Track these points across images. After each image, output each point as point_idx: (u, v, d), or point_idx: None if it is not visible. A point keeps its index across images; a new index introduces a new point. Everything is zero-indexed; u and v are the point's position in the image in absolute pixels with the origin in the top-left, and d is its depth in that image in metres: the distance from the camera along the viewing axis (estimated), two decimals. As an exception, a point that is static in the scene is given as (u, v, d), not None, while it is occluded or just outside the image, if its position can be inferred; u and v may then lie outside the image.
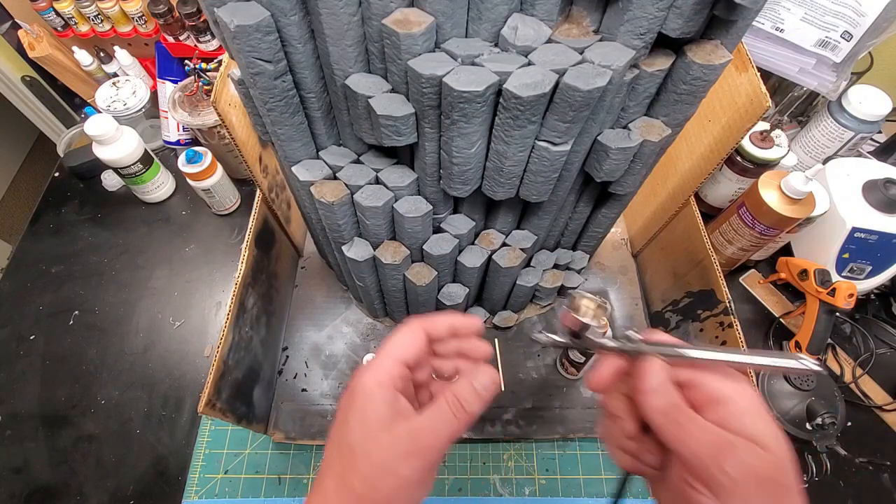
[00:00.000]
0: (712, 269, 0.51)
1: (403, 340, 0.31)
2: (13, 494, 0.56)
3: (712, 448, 0.24)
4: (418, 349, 0.31)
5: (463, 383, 0.29)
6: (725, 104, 0.46)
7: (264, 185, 0.54)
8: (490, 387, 0.30)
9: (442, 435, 0.28)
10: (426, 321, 0.32)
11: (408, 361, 0.30)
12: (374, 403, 0.28)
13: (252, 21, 0.28)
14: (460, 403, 0.28)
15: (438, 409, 0.28)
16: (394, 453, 0.26)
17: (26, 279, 0.73)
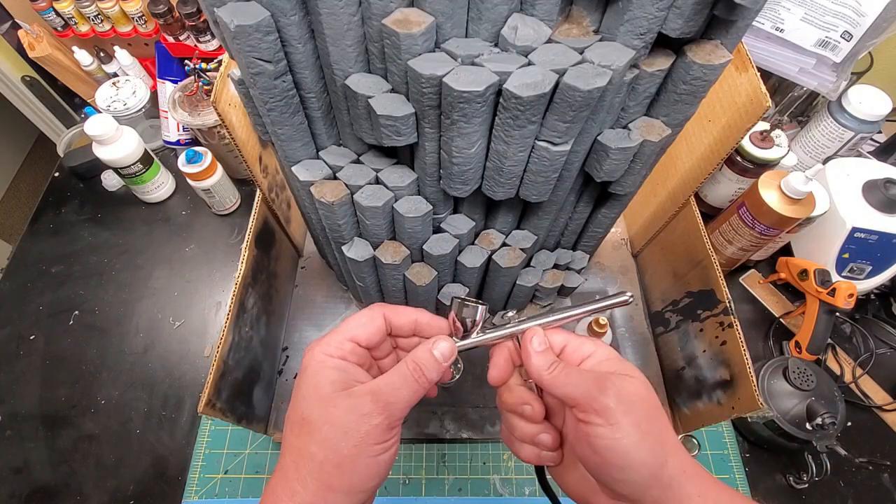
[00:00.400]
0: (712, 269, 0.51)
1: (360, 321, 0.31)
2: (13, 494, 0.56)
3: (595, 383, 0.28)
4: (373, 333, 0.31)
5: (422, 350, 0.30)
6: (725, 104, 0.46)
7: (264, 185, 0.54)
8: (448, 356, 0.31)
9: (402, 394, 0.29)
10: (389, 309, 0.32)
11: (360, 341, 0.31)
12: (326, 372, 0.29)
13: (252, 21, 0.28)
14: (420, 367, 0.30)
15: (398, 371, 0.29)
16: (354, 413, 0.27)
17: (26, 279, 0.73)
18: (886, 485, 0.57)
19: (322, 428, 0.27)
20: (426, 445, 0.59)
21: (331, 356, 0.29)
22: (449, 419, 0.59)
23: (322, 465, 0.26)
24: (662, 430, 0.28)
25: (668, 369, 0.61)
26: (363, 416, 0.27)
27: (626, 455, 0.26)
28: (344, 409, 0.27)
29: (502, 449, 0.59)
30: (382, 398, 0.28)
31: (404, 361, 0.30)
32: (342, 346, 0.30)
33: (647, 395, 0.28)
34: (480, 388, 0.61)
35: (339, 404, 0.27)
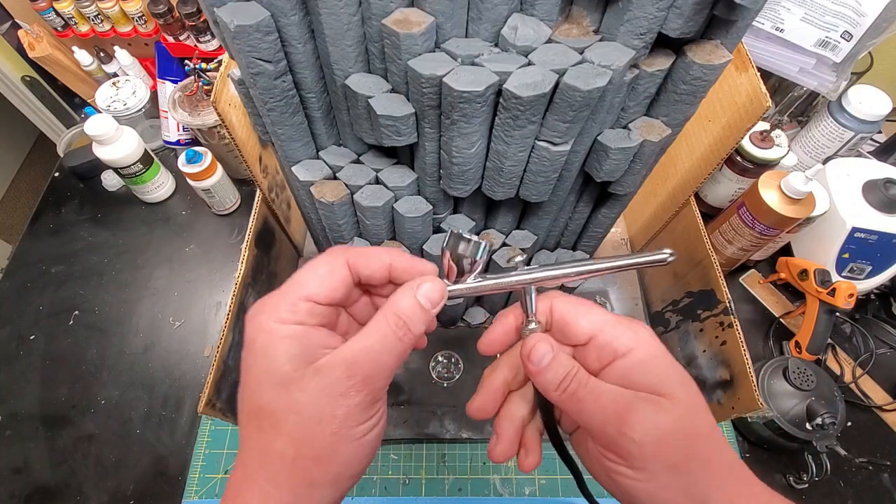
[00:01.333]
0: (712, 269, 0.51)
1: (317, 272, 0.24)
2: (13, 494, 0.56)
3: (613, 414, 0.22)
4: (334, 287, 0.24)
5: (403, 296, 0.24)
6: (725, 104, 0.46)
7: (264, 185, 0.54)
8: (437, 300, 0.25)
9: (384, 360, 0.23)
10: (355, 254, 0.25)
11: (318, 299, 0.24)
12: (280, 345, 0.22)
13: (252, 21, 0.28)
14: (403, 321, 0.23)
15: (377, 330, 0.23)
16: (326, 394, 0.21)
17: (26, 279, 0.73)
18: (886, 485, 0.57)
19: (287, 418, 0.21)
20: (426, 445, 0.59)
21: (284, 322, 0.22)
22: (449, 419, 0.59)
23: (295, 461, 0.22)
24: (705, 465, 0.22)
25: (668, 369, 0.61)
26: (338, 396, 0.22)
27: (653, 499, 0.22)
28: (313, 392, 0.21)
29: (502, 449, 0.59)
30: (360, 370, 0.22)
31: (383, 315, 0.23)
32: (296, 307, 0.23)
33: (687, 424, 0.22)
34: (480, 388, 0.61)
35: (306, 386, 0.21)
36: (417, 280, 0.25)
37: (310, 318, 0.23)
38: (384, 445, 0.59)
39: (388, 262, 0.25)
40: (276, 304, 0.23)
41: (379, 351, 0.23)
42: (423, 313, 0.24)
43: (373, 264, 0.25)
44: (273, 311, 0.23)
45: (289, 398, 0.22)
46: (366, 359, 0.22)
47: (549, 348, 0.25)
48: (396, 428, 0.58)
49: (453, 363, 0.62)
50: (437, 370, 0.61)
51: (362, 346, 0.23)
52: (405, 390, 0.60)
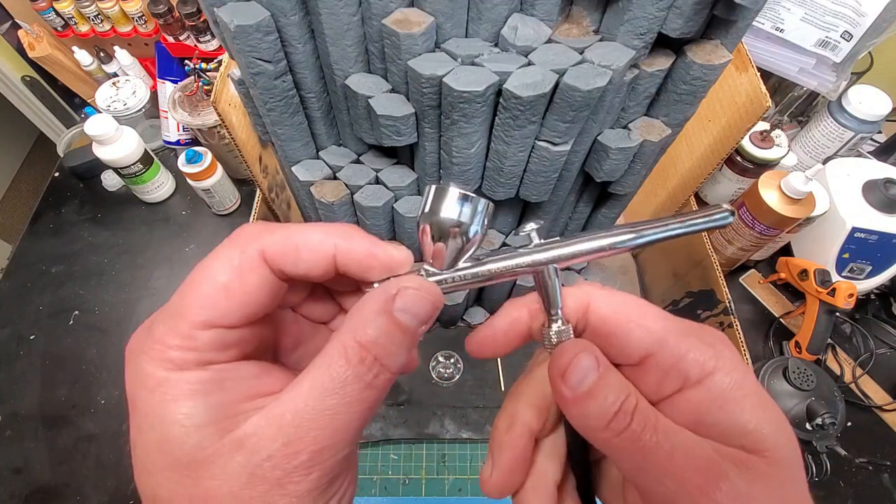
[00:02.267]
0: (712, 269, 0.51)
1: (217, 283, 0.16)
2: (13, 494, 0.56)
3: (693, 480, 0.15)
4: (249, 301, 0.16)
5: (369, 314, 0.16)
6: (725, 104, 0.46)
7: (264, 185, 0.54)
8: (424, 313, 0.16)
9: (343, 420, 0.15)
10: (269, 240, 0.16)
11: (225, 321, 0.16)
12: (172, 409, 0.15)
13: (252, 21, 0.28)
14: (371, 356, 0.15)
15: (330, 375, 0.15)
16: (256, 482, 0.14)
17: (26, 279, 0.73)
18: (886, 485, 0.57)
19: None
20: (426, 445, 0.59)
21: (178, 368, 0.15)
22: (449, 419, 0.59)
23: None
24: None
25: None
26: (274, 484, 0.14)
27: None
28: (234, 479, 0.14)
29: (502, 449, 0.59)
30: (306, 441, 0.14)
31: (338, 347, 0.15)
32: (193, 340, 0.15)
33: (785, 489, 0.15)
34: (481, 388, 0.61)
35: (222, 469, 0.14)
36: (392, 283, 0.16)
37: (219, 352, 0.16)
38: (384, 445, 0.59)
39: (331, 251, 0.17)
40: (161, 336, 0.15)
41: (335, 407, 0.14)
42: (402, 337, 0.16)
43: (304, 259, 0.16)
44: (159, 349, 0.15)
45: (197, 489, 0.14)
46: (315, 422, 0.14)
47: (594, 363, 0.16)
48: (396, 428, 0.58)
49: (453, 363, 0.62)
50: (437, 370, 0.61)
51: (308, 399, 0.15)
52: (405, 390, 0.60)
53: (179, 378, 0.15)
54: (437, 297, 0.17)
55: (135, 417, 0.15)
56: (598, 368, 0.16)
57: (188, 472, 0.14)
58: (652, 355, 0.17)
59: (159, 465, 0.14)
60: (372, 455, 0.58)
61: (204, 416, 0.15)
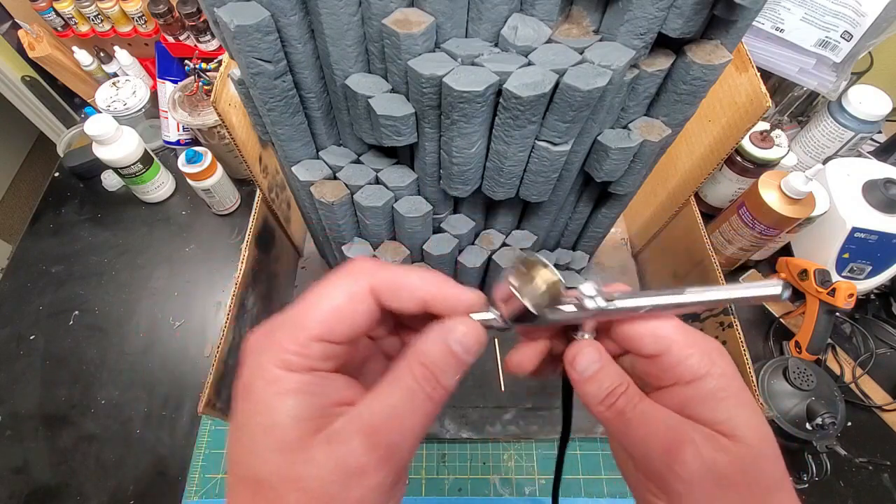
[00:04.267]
0: (712, 269, 0.51)
1: (333, 303, 0.19)
2: (13, 494, 0.56)
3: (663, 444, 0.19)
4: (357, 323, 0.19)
5: (432, 343, 0.20)
6: (725, 104, 0.46)
7: (264, 185, 0.54)
8: (475, 348, 0.20)
9: (410, 425, 0.19)
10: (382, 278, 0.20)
11: (335, 338, 0.19)
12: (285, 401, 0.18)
13: (252, 21, 0.28)
14: (432, 374, 0.19)
15: (400, 387, 0.19)
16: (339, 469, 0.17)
17: (26, 279, 0.73)
18: (886, 485, 0.57)
19: (288, 496, 0.17)
20: (426, 445, 0.59)
21: (291, 370, 0.18)
22: (449, 419, 0.59)
23: None
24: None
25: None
26: (353, 473, 0.17)
27: None
28: (322, 465, 0.17)
29: (502, 449, 0.59)
30: (382, 440, 0.18)
31: (406, 366, 0.19)
32: (307, 349, 0.18)
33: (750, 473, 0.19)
34: (480, 387, 0.61)
35: (315, 458, 0.17)
36: (448, 322, 0.20)
37: (323, 362, 0.19)
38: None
39: (424, 296, 0.20)
40: (281, 341, 0.18)
41: (404, 413, 0.18)
42: (456, 363, 0.20)
43: (403, 297, 0.20)
44: (278, 352, 0.18)
45: (292, 471, 0.17)
46: (389, 423, 0.18)
47: (597, 357, 0.22)
48: (396, 428, 0.58)
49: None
50: (437, 370, 0.61)
51: (385, 405, 0.18)
52: (405, 390, 0.60)
53: (291, 377, 0.18)
54: (483, 337, 0.21)
55: (248, 403, 0.18)
56: (599, 361, 0.22)
57: (288, 455, 0.17)
58: (660, 355, 0.21)
59: (264, 447, 0.17)
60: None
61: (305, 411, 0.18)
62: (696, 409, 0.20)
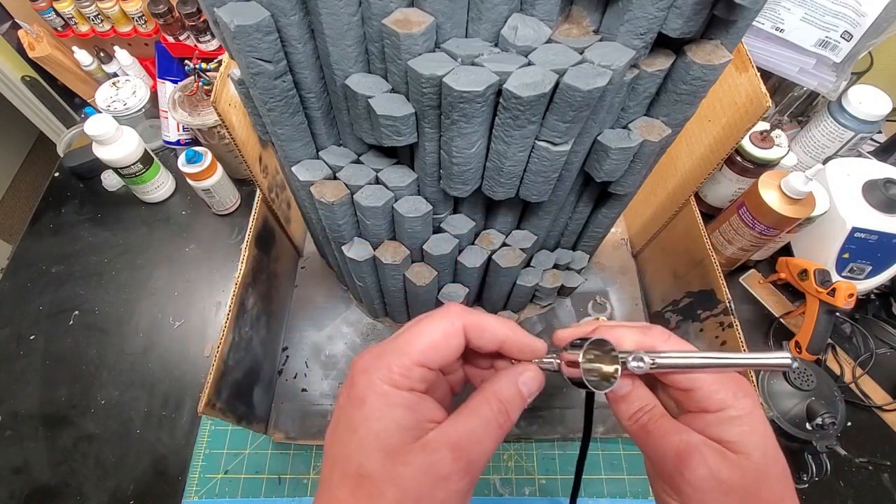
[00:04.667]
0: (712, 269, 0.51)
1: (432, 337, 0.23)
2: (13, 494, 0.56)
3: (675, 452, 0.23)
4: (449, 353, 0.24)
5: (506, 383, 0.24)
6: (725, 104, 0.46)
7: (264, 185, 0.54)
8: (535, 391, 0.25)
9: (486, 446, 0.22)
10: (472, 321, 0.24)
11: (431, 365, 0.23)
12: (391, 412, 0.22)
13: (252, 21, 0.28)
14: (504, 407, 0.23)
15: (480, 415, 0.23)
16: (430, 474, 0.21)
17: (26, 279, 0.73)
18: (886, 485, 0.57)
19: (387, 492, 0.20)
20: (426, 445, 0.59)
21: (397, 387, 0.22)
22: (449, 419, 0.59)
23: None
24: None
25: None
26: (441, 479, 0.21)
27: None
28: (417, 469, 0.21)
29: (502, 449, 0.59)
30: (464, 454, 0.21)
31: (484, 399, 0.23)
32: (410, 372, 0.22)
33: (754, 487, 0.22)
34: (480, 388, 0.61)
35: (411, 461, 0.21)
36: (519, 367, 0.25)
37: (420, 384, 0.23)
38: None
39: (502, 338, 0.25)
40: (389, 364, 0.23)
41: (482, 435, 0.22)
42: (521, 402, 0.24)
43: (486, 337, 0.25)
44: (387, 371, 0.22)
45: (392, 470, 0.21)
46: (471, 442, 0.22)
47: (629, 381, 0.25)
48: (396, 428, 0.58)
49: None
50: (437, 370, 0.61)
51: (467, 427, 0.22)
52: (405, 390, 0.60)
53: (396, 393, 0.22)
54: (542, 382, 0.25)
55: (360, 411, 0.22)
56: (630, 385, 0.25)
57: (391, 457, 0.21)
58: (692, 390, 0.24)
59: (373, 447, 0.21)
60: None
61: (407, 422, 0.22)
62: (713, 431, 0.23)
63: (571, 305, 0.68)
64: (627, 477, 0.57)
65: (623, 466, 0.57)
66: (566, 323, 0.66)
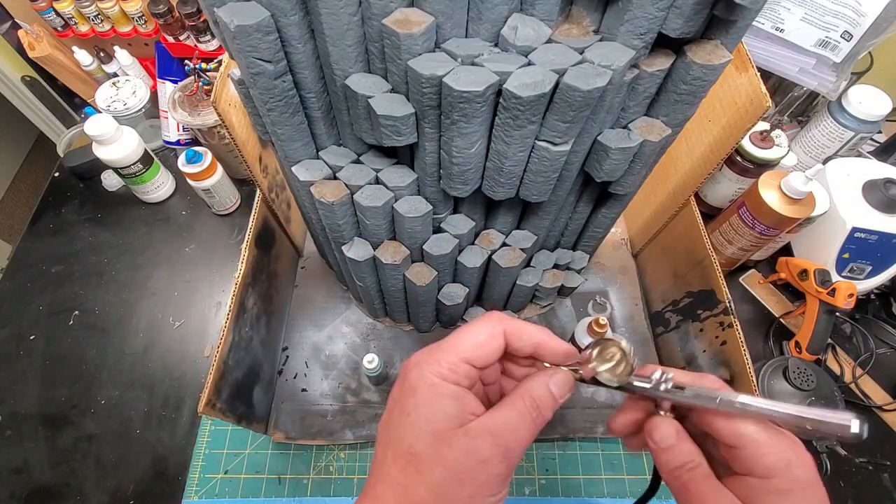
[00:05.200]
0: (712, 269, 0.51)
1: (478, 339, 0.26)
2: (13, 494, 0.56)
3: None
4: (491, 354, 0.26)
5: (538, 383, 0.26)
6: (725, 104, 0.46)
7: (264, 185, 0.54)
8: (566, 392, 0.26)
9: (522, 437, 0.24)
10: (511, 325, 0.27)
11: (476, 363, 0.26)
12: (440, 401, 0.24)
13: (252, 21, 0.28)
14: (537, 405, 0.25)
15: (516, 409, 0.25)
16: (472, 456, 0.23)
17: (26, 279, 0.73)
18: (886, 485, 0.57)
19: (434, 470, 0.23)
20: (426, 445, 0.59)
21: (444, 380, 0.25)
22: (449, 419, 0.59)
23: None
24: None
25: (668, 369, 0.61)
26: (482, 462, 0.23)
27: None
28: (461, 452, 0.23)
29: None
30: (502, 441, 0.23)
31: (519, 396, 0.25)
32: (457, 368, 0.25)
33: None
34: (480, 388, 0.61)
35: (455, 444, 0.23)
36: (550, 370, 0.27)
37: (465, 379, 0.26)
38: (384, 445, 0.59)
39: (538, 340, 0.27)
40: (438, 359, 0.25)
41: (517, 426, 0.24)
42: (552, 401, 0.26)
43: (524, 339, 0.27)
44: (436, 366, 0.25)
45: (439, 451, 0.23)
46: (508, 431, 0.24)
47: (672, 433, 0.25)
48: (396, 428, 0.58)
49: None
50: (437, 370, 0.61)
51: (504, 419, 0.24)
52: (405, 390, 0.60)
53: (444, 385, 0.25)
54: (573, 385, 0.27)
55: (413, 398, 0.25)
56: (674, 437, 0.25)
57: (438, 439, 0.24)
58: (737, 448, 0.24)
59: (423, 430, 0.24)
60: (372, 455, 0.58)
61: (453, 410, 0.24)
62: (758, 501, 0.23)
63: (571, 305, 0.68)
64: (627, 477, 0.57)
65: (623, 466, 0.57)
66: (566, 323, 0.66)
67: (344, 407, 0.60)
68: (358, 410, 0.59)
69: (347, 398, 0.60)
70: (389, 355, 0.63)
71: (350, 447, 0.59)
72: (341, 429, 0.58)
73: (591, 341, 0.26)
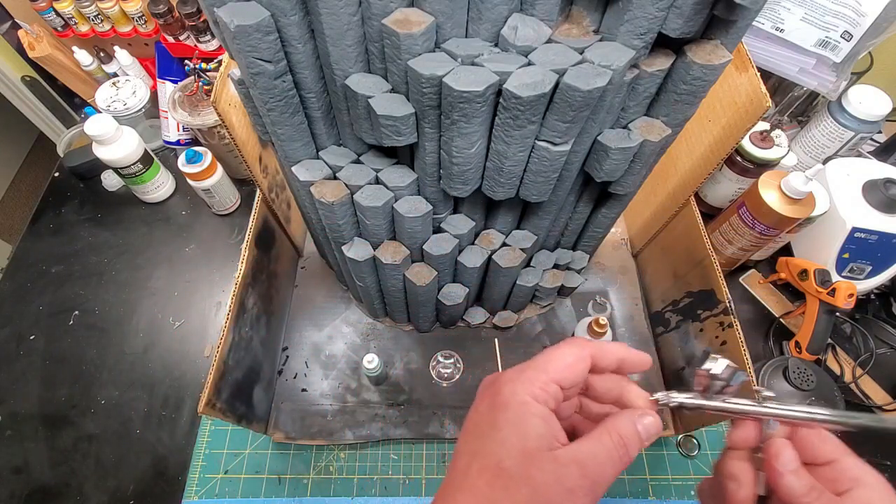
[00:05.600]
0: (712, 269, 0.51)
1: (566, 361, 0.26)
2: (13, 494, 0.56)
3: None
4: (579, 374, 0.27)
5: (626, 421, 0.26)
6: (725, 104, 0.46)
7: (264, 185, 0.54)
8: (653, 435, 0.26)
9: (607, 472, 0.24)
10: (596, 347, 0.28)
11: (564, 385, 0.26)
12: (532, 420, 0.24)
13: (252, 21, 0.28)
14: (624, 442, 0.25)
15: (602, 444, 0.24)
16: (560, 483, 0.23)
17: (26, 279, 0.73)
18: (886, 485, 0.57)
19: (521, 489, 0.23)
20: (426, 445, 0.59)
21: (536, 399, 0.25)
22: (449, 419, 0.59)
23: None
24: None
25: (668, 369, 0.61)
26: (568, 490, 0.23)
27: None
28: (550, 476, 0.23)
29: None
30: (590, 474, 0.23)
31: (606, 431, 0.25)
32: (547, 388, 0.25)
33: None
34: (480, 388, 0.61)
35: (545, 468, 0.23)
36: (640, 410, 0.26)
37: (553, 401, 0.26)
38: (384, 445, 0.59)
39: (621, 356, 0.28)
40: (531, 378, 0.26)
41: (604, 461, 0.24)
42: (639, 442, 0.25)
43: (608, 356, 0.28)
44: (529, 385, 0.25)
45: (529, 470, 0.23)
46: (595, 465, 0.24)
47: (796, 456, 0.25)
48: (397, 428, 0.58)
49: (453, 363, 0.62)
50: (437, 370, 0.61)
51: (592, 451, 0.24)
52: (405, 390, 0.60)
53: (535, 405, 0.25)
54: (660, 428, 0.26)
55: (505, 413, 0.25)
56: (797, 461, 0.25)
57: (527, 458, 0.23)
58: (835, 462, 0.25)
59: (514, 447, 0.24)
60: (372, 455, 0.58)
61: (542, 431, 0.24)
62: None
63: (571, 305, 0.68)
64: (627, 477, 0.57)
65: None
66: (566, 323, 0.66)
67: (344, 407, 0.60)
68: (358, 410, 0.59)
69: (347, 398, 0.60)
70: (389, 355, 0.63)
71: (350, 447, 0.59)
72: (341, 429, 0.58)
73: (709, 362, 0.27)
